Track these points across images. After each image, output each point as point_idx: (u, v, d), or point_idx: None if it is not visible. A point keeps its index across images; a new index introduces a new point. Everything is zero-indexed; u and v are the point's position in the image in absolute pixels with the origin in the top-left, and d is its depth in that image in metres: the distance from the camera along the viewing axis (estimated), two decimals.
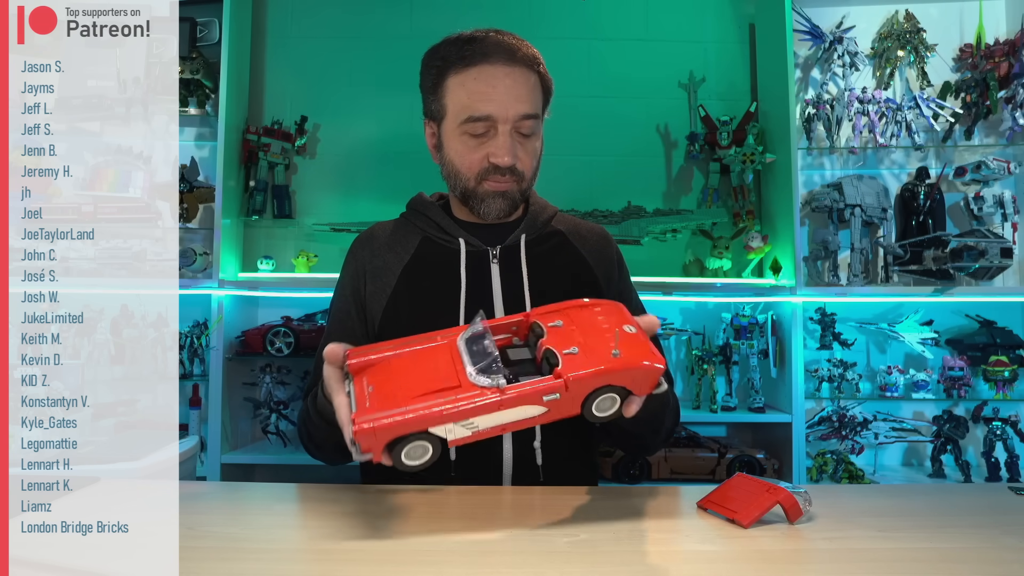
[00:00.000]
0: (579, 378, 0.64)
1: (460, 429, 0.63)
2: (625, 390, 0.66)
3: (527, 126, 0.97)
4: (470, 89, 0.95)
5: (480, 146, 0.97)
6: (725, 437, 2.16)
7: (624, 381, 0.65)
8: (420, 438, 0.62)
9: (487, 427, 0.64)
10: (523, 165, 0.99)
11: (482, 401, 0.62)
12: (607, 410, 0.66)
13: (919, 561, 0.62)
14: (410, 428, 0.62)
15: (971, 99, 2.10)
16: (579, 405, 0.65)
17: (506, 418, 0.64)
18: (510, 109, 0.94)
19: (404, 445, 0.62)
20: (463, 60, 0.95)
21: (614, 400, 0.66)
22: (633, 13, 2.32)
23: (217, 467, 1.94)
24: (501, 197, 1.00)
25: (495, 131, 0.96)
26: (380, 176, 2.24)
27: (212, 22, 2.04)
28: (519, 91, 0.95)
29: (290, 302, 2.17)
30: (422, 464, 0.63)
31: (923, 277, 2.01)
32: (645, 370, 0.66)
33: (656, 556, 0.63)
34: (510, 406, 0.63)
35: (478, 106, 0.94)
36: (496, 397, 0.62)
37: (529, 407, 0.64)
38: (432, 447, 0.63)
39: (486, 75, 0.94)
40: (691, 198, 2.27)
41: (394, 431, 0.62)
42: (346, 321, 1.03)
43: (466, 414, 0.62)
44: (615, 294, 1.06)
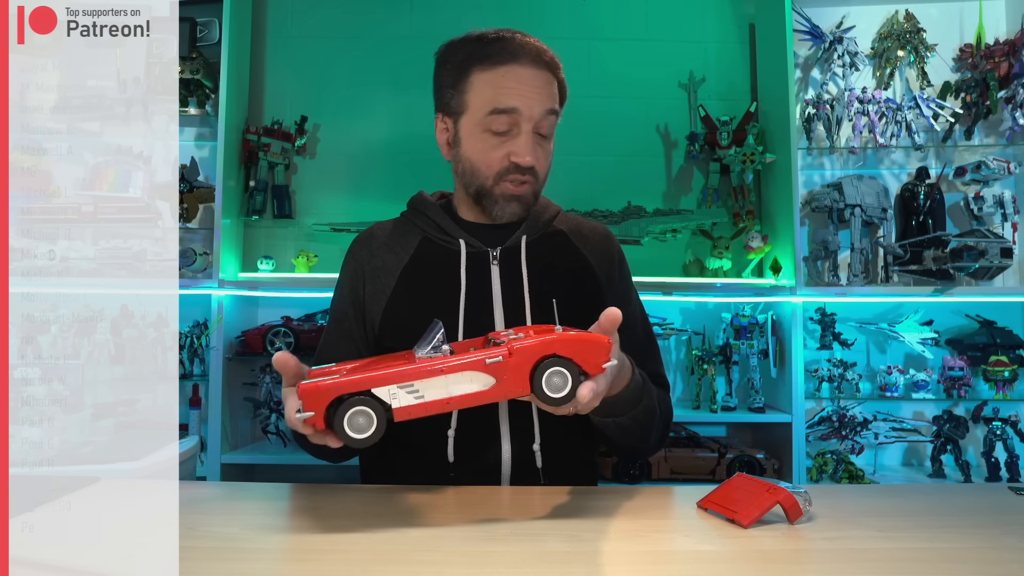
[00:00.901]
0: (523, 345, 0.66)
1: (404, 395, 0.64)
2: (574, 366, 0.66)
3: (548, 124, 0.98)
4: (498, 85, 0.95)
5: (501, 144, 0.97)
6: (725, 437, 2.16)
7: (569, 352, 0.66)
8: (362, 402, 0.63)
9: (434, 397, 0.64)
10: (540, 167, 1.00)
11: (424, 365, 0.64)
12: (560, 389, 0.66)
13: (919, 561, 0.62)
14: (351, 388, 0.63)
15: (971, 99, 2.10)
16: (527, 378, 0.66)
17: (452, 387, 0.65)
18: (536, 107, 0.95)
19: (346, 409, 0.63)
20: (490, 58, 0.95)
21: (564, 377, 0.66)
22: (633, 13, 2.32)
23: (217, 467, 1.94)
24: (517, 201, 1.00)
25: (518, 129, 0.96)
26: (380, 176, 2.24)
27: (212, 22, 2.04)
28: (544, 91, 0.96)
29: (290, 302, 2.17)
30: (367, 438, 0.64)
31: (923, 277, 2.01)
32: (589, 339, 0.67)
33: (656, 556, 0.63)
34: (451, 371, 0.64)
35: (506, 100, 0.94)
36: (439, 364, 0.64)
37: (474, 374, 0.65)
38: (376, 416, 0.63)
39: (515, 74, 0.95)
40: (691, 198, 2.27)
41: (336, 390, 0.63)
42: (344, 322, 1.02)
43: (407, 375, 0.64)
44: (615, 294, 1.05)
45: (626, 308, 1.06)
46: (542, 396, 0.66)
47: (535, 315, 0.97)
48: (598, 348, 0.68)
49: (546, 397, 0.66)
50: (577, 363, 0.67)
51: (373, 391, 0.64)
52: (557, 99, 1.00)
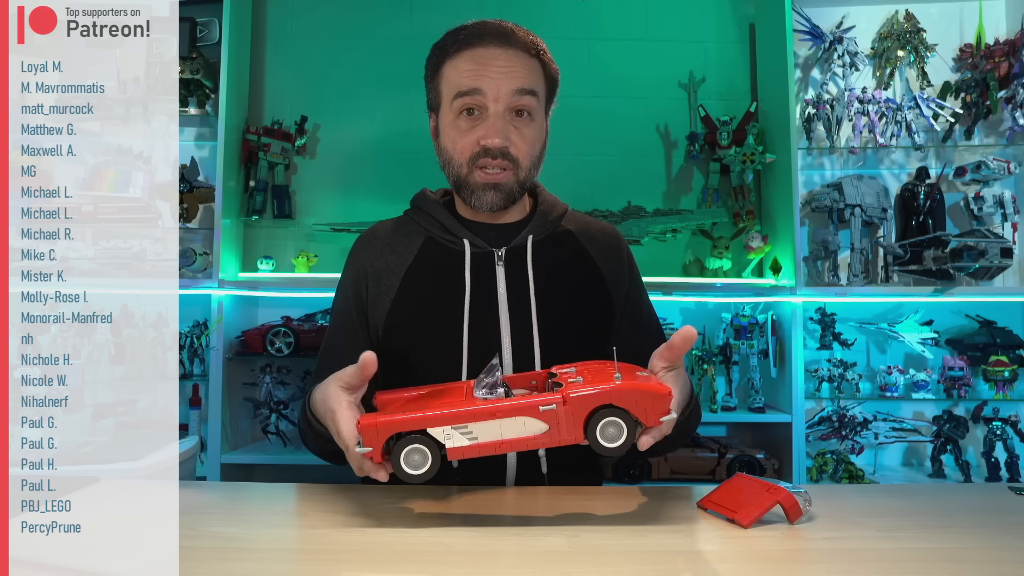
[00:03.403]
0: (578, 395, 0.64)
1: (458, 436, 0.64)
2: (631, 416, 0.65)
3: (524, 103, 0.93)
4: (461, 69, 0.93)
5: (472, 129, 0.94)
6: (725, 437, 2.16)
7: (627, 404, 0.65)
8: (418, 440, 0.64)
9: (487, 439, 0.65)
10: (518, 151, 0.95)
11: (479, 407, 0.65)
12: (614, 439, 0.65)
13: (919, 561, 0.62)
14: (408, 426, 0.64)
15: (971, 99, 2.10)
16: (581, 426, 0.65)
17: (505, 430, 0.65)
18: (503, 85, 0.92)
19: (403, 447, 0.64)
20: (457, 45, 0.94)
21: (619, 428, 0.65)
22: (633, 13, 2.31)
23: (217, 467, 1.94)
24: (494, 189, 0.95)
25: (486, 111, 0.93)
26: (380, 176, 2.24)
27: (212, 22, 2.04)
28: (514, 69, 0.92)
29: (290, 302, 2.17)
30: (421, 475, 0.65)
31: (923, 277, 2.01)
32: (648, 391, 0.65)
33: (656, 556, 0.63)
34: (506, 415, 0.64)
35: (466, 81, 0.92)
36: (492, 407, 0.64)
37: (528, 420, 0.65)
38: (431, 454, 0.65)
39: (478, 55, 0.93)
40: (691, 198, 2.27)
41: (393, 427, 0.65)
42: (347, 325, 1.00)
43: (462, 417, 0.64)
44: (624, 299, 1.03)
45: (640, 311, 1.06)
46: (596, 446, 0.65)
47: (541, 318, 0.95)
48: (658, 401, 0.65)
49: (600, 447, 0.65)
50: (632, 413, 0.65)
51: (428, 431, 0.65)
52: (538, 78, 0.96)
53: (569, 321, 0.97)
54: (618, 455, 0.66)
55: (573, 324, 0.98)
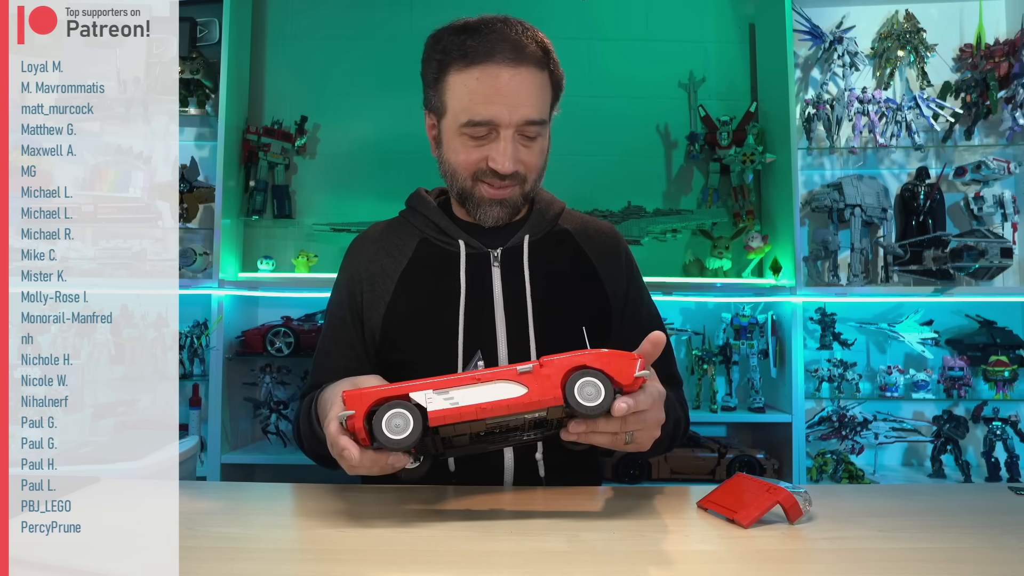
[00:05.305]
0: (551, 359, 0.68)
1: (439, 399, 0.67)
2: (607, 377, 0.67)
3: (532, 131, 0.91)
4: (472, 90, 0.88)
5: (479, 148, 0.91)
6: (725, 437, 2.16)
7: (600, 364, 0.67)
8: (399, 405, 0.67)
9: (467, 402, 0.67)
10: (527, 168, 0.94)
11: (459, 375, 0.68)
12: (593, 398, 0.66)
13: (919, 561, 0.62)
14: (390, 393, 0.67)
15: (971, 99, 2.10)
16: (559, 387, 0.67)
17: (485, 394, 0.67)
18: (514, 114, 0.88)
19: (385, 411, 0.66)
20: (466, 57, 0.89)
21: (597, 387, 0.66)
22: (633, 13, 2.32)
23: (217, 467, 1.94)
24: (499, 205, 0.95)
25: (496, 134, 0.90)
26: (380, 176, 2.24)
27: (212, 22, 2.05)
28: (525, 93, 0.89)
29: (290, 302, 2.17)
30: (403, 439, 0.66)
31: (923, 277, 2.01)
32: (618, 353, 0.68)
33: (656, 556, 0.63)
34: (484, 380, 0.67)
35: (479, 110, 0.88)
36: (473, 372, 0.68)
37: (507, 384, 0.67)
38: (412, 417, 0.66)
39: (489, 76, 0.88)
40: (691, 198, 2.27)
41: (376, 394, 0.67)
42: (342, 329, 1.00)
43: (443, 384, 0.67)
44: (623, 299, 1.02)
45: (640, 311, 1.05)
46: (575, 405, 0.66)
47: (538, 319, 0.95)
48: (627, 361, 0.68)
49: (579, 406, 0.66)
50: (609, 374, 0.67)
51: (410, 395, 0.67)
52: (547, 96, 0.93)
53: (566, 322, 0.96)
54: (596, 414, 0.66)
55: (570, 325, 0.97)
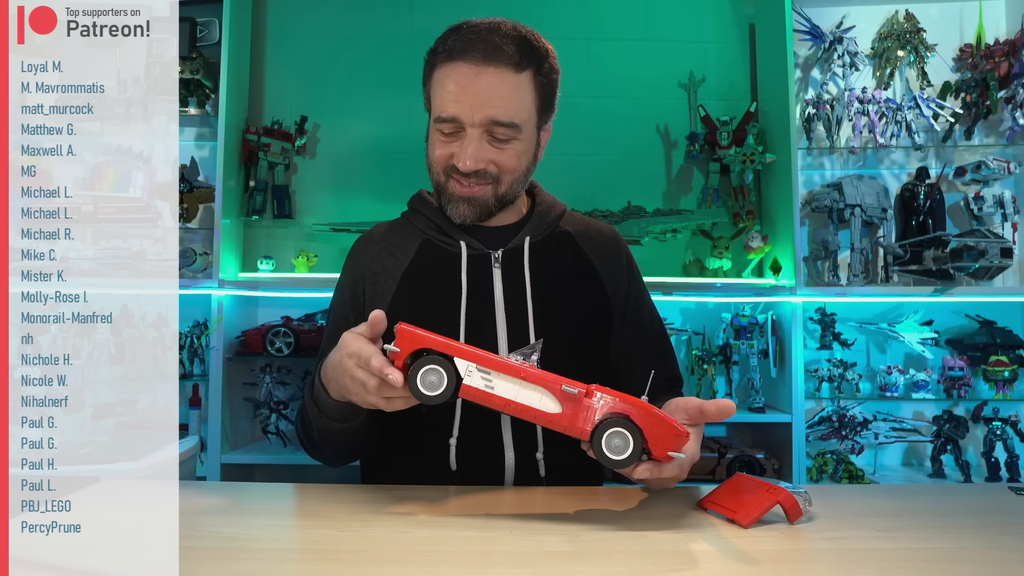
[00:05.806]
0: (602, 392, 0.66)
1: (478, 377, 0.66)
2: (641, 437, 0.65)
3: (501, 132, 0.90)
4: (444, 87, 0.90)
5: (448, 144, 0.93)
6: (725, 437, 2.16)
7: (644, 424, 0.66)
8: (439, 363, 0.66)
9: (500, 394, 0.66)
10: (500, 169, 0.93)
11: (509, 362, 0.67)
12: (618, 451, 0.65)
13: (919, 561, 0.62)
14: (441, 347, 0.67)
15: (971, 99, 2.10)
16: (590, 425, 0.66)
17: (521, 394, 0.66)
18: (477, 113, 0.88)
19: (426, 363, 0.66)
20: (445, 53, 0.91)
21: (626, 443, 0.65)
22: (633, 13, 2.32)
23: (217, 467, 1.94)
24: (467, 203, 0.95)
25: (463, 132, 0.91)
26: (380, 176, 2.24)
27: (212, 22, 2.04)
28: (492, 93, 0.88)
29: (290, 302, 2.17)
30: (432, 396, 0.66)
31: (923, 277, 2.01)
32: (669, 423, 0.66)
33: (656, 556, 0.63)
34: (529, 379, 0.66)
35: (446, 106, 0.90)
36: (523, 365, 0.67)
37: (546, 394, 0.66)
38: (447, 378, 0.66)
39: (458, 73, 0.89)
40: (691, 198, 2.27)
41: (429, 341, 0.67)
42: (344, 327, 0.99)
43: (491, 363, 0.67)
44: (624, 301, 1.02)
45: (641, 313, 1.05)
46: (598, 450, 0.66)
47: (538, 321, 0.95)
48: (673, 436, 0.66)
49: (601, 453, 0.66)
50: (645, 436, 0.66)
51: (455, 359, 0.67)
52: (525, 98, 0.91)
53: (567, 324, 0.97)
54: (613, 468, 0.66)
55: (571, 327, 0.97)
